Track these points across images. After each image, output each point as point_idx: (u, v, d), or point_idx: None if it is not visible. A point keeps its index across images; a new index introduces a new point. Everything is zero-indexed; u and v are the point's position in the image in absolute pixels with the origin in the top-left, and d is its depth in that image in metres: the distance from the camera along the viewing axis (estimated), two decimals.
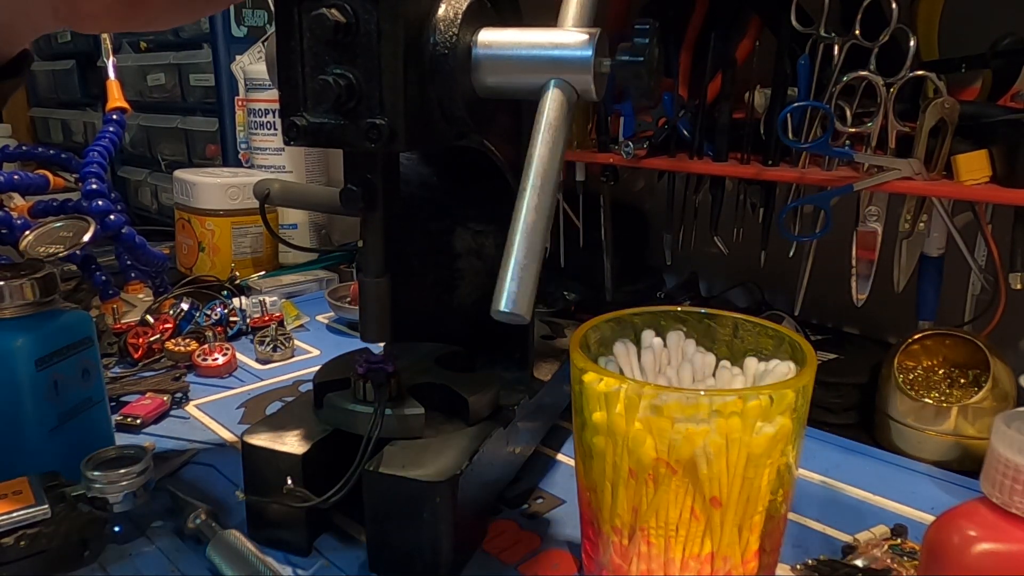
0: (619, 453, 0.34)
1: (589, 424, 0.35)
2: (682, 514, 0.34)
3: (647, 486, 0.34)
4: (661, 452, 0.33)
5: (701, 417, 0.32)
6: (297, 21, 0.36)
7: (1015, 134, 0.52)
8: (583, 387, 0.35)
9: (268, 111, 1.01)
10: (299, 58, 0.37)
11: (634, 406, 0.33)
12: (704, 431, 0.32)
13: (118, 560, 0.42)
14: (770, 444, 0.33)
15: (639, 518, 0.34)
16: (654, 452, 0.33)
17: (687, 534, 0.34)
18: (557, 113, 0.35)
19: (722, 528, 0.34)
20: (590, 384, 0.35)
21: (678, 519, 0.34)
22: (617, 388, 0.33)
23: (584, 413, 0.36)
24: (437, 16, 0.38)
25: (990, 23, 0.61)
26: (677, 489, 0.33)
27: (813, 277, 0.66)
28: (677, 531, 0.34)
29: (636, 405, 0.33)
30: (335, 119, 0.37)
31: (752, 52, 0.64)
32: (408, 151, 0.51)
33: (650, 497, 0.34)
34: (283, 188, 0.80)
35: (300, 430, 0.43)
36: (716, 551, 0.34)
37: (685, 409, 0.32)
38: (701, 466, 0.33)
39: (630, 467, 0.34)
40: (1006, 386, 0.54)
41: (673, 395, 0.33)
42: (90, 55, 1.50)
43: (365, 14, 0.35)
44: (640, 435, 0.33)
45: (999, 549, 0.28)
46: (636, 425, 0.33)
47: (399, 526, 0.39)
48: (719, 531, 0.34)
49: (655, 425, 0.33)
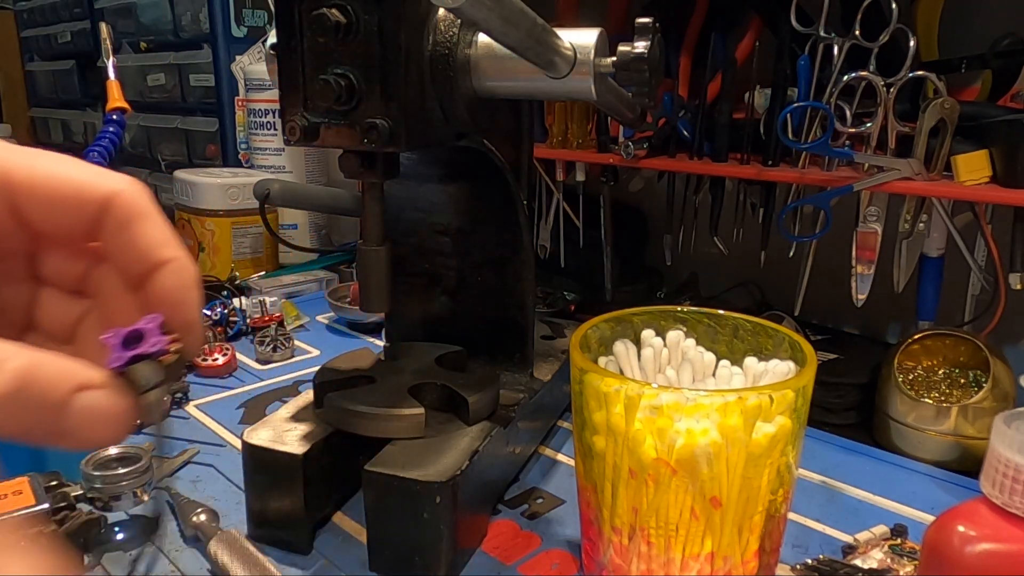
0: (619, 453, 0.34)
1: (589, 424, 0.35)
2: (682, 514, 0.34)
3: (647, 486, 0.34)
4: (661, 452, 0.33)
5: (702, 416, 0.32)
6: (297, 21, 0.36)
7: (1015, 134, 0.52)
8: (583, 387, 0.35)
9: (268, 111, 1.01)
10: (299, 58, 0.37)
11: (634, 406, 0.33)
12: (704, 431, 0.32)
13: (118, 560, 0.42)
14: (770, 444, 0.33)
15: (639, 518, 0.34)
16: (654, 452, 0.33)
17: (687, 534, 0.34)
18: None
19: (722, 528, 0.34)
20: (590, 384, 0.35)
21: (678, 519, 0.34)
22: (617, 388, 0.33)
23: (584, 413, 0.36)
24: (437, 17, 0.38)
25: (990, 23, 0.62)
26: (677, 489, 0.33)
27: (813, 277, 0.66)
28: (677, 531, 0.34)
29: (636, 405, 0.33)
30: (335, 119, 0.37)
31: (752, 52, 0.64)
32: (408, 151, 0.51)
33: (650, 497, 0.34)
34: (283, 188, 0.80)
35: (300, 430, 0.43)
36: (716, 551, 0.34)
37: (685, 409, 0.32)
38: (701, 466, 0.33)
39: (630, 467, 0.34)
40: (1006, 386, 0.54)
41: (673, 395, 0.33)
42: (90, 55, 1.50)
43: (365, 14, 0.35)
44: (640, 435, 0.33)
45: (999, 549, 0.28)
46: (636, 425, 0.33)
47: (399, 526, 0.39)
48: (719, 531, 0.34)
49: (655, 425, 0.33)
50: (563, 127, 0.77)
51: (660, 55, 0.39)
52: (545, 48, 0.35)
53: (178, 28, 1.21)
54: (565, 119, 0.77)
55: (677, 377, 0.41)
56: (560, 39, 0.37)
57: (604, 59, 0.38)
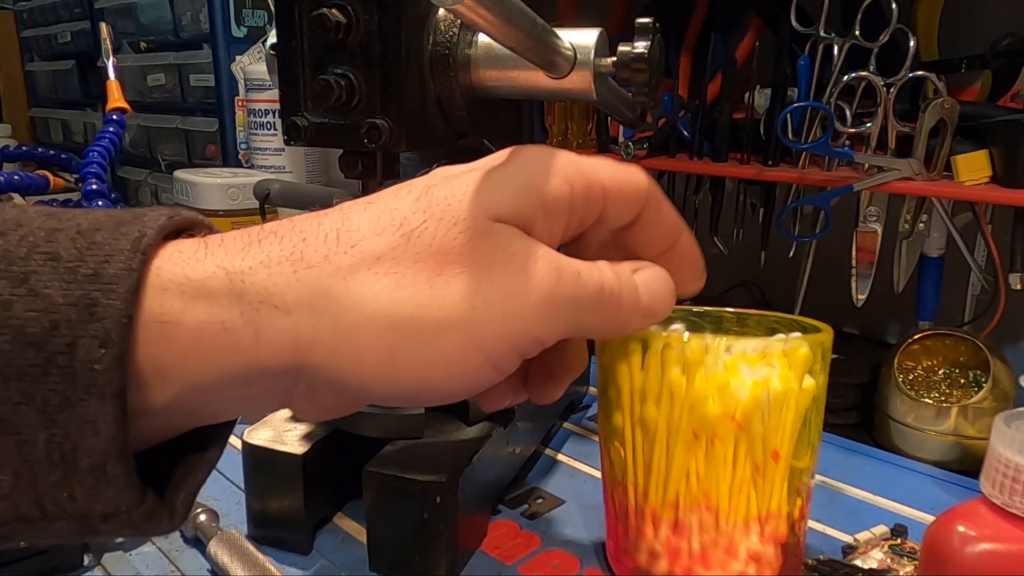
0: (676, 417, 0.33)
1: (636, 395, 0.34)
2: (745, 470, 0.33)
3: (712, 446, 0.33)
4: (729, 407, 0.32)
5: (764, 365, 0.32)
6: (297, 21, 0.36)
7: (1015, 134, 0.52)
8: (624, 354, 0.34)
9: (268, 111, 1.01)
10: (299, 58, 0.37)
11: (698, 361, 0.32)
12: (767, 379, 0.32)
13: (118, 560, 0.42)
14: (814, 397, 0.33)
15: (701, 483, 0.33)
16: (718, 408, 0.32)
17: (749, 493, 0.33)
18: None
19: (779, 485, 0.34)
20: (654, 340, 0.33)
21: (741, 477, 0.33)
22: (681, 343, 0.32)
23: (625, 387, 0.34)
24: (437, 16, 0.38)
25: (990, 23, 0.62)
26: (739, 445, 0.33)
27: (813, 277, 0.66)
28: (741, 490, 0.33)
29: (701, 360, 0.32)
30: (335, 119, 0.37)
31: (752, 52, 0.64)
32: (408, 151, 0.51)
33: (714, 457, 0.33)
34: (283, 188, 0.80)
35: (300, 430, 0.43)
36: (772, 511, 0.34)
37: (751, 359, 0.32)
38: (765, 417, 0.32)
39: (693, 429, 0.33)
40: (1006, 386, 0.54)
41: (742, 343, 0.32)
42: (90, 55, 1.50)
43: (365, 14, 0.35)
44: (703, 391, 0.32)
45: (999, 549, 0.28)
46: (698, 382, 0.32)
47: (399, 526, 0.39)
48: (777, 488, 0.34)
49: (719, 379, 0.32)
50: (563, 127, 0.77)
51: (660, 55, 0.39)
52: (545, 48, 0.35)
53: (178, 28, 1.21)
54: (565, 119, 0.77)
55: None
56: (560, 39, 0.37)
57: (604, 59, 0.38)
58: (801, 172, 0.62)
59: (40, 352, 0.21)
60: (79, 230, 0.22)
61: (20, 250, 0.22)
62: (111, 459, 0.21)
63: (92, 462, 0.21)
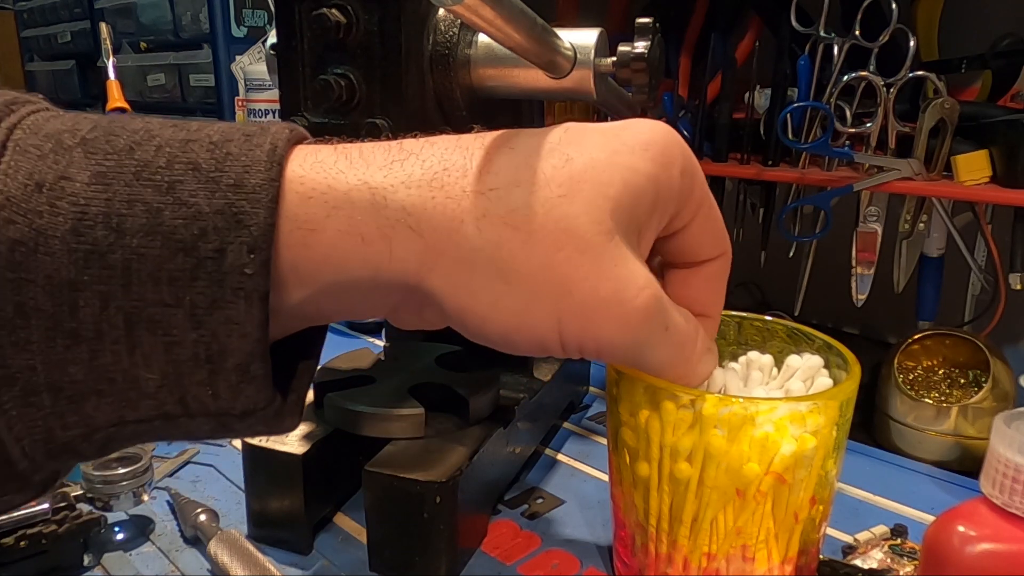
0: (716, 476, 0.32)
1: (668, 451, 0.33)
2: (785, 519, 0.33)
3: (754, 503, 0.33)
4: (775, 465, 0.32)
5: (807, 421, 0.32)
6: (297, 21, 0.36)
7: (1015, 134, 0.52)
8: (659, 413, 0.33)
9: (268, 111, 1.01)
10: (299, 58, 0.37)
11: (744, 423, 0.31)
12: (812, 435, 0.32)
13: (118, 560, 0.42)
14: (837, 437, 0.34)
15: (742, 536, 0.33)
16: (758, 467, 0.32)
17: (788, 538, 0.34)
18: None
19: (817, 526, 0.35)
20: (709, 410, 0.32)
21: (780, 525, 0.33)
22: (728, 408, 0.31)
23: (653, 442, 0.33)
24: (437, 16, 0.38)
25: (990, 23, 0.62)
26: (778, 498, 0.33)
27: (813, 277, 0.66)
28: (777, 538, 0.34)
29: (741, 425, 0.31)
30: (335, 119, 0.37)
31: (752, 52, 0.64)
32: None
33: (755, 512, 0.33)
34: None
35: (300, 430, 0.43)
36: (801, 549, 0.35)
37: (796, 417, 0.32)
38: (807, 468, 0.32)
39: (737, 488, 0.32)
40: (1006, 386, 0.54)
41: (787, 406, 0.32)
42: (90, 55, 1.50)
43: (365, 14, 0.35)
44: (744, 454, 0.32)
45: (999, 549, 0.28)
46: (744, 445, 0.31)
47: (399, 526, 0.39)
48: (814, 529, 0.35)
49: (764, 440, 0.31)
50: None
51: (660, 55, 0.39)
52: (545, 48, 0.35)
53: (178, 28, 1.21)
54: (565, 119, 0.77)
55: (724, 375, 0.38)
56: (560, 39, 0.37)
57: (604, 59, 0.38)
58: (801, 172, 0.62)
59: (189, 257, 0.21)
60: (211, 141, 0.23)
61: (159, 159, 0.22)
62: (255, 359, 0.22)
63: (238, 362, 0.22)
